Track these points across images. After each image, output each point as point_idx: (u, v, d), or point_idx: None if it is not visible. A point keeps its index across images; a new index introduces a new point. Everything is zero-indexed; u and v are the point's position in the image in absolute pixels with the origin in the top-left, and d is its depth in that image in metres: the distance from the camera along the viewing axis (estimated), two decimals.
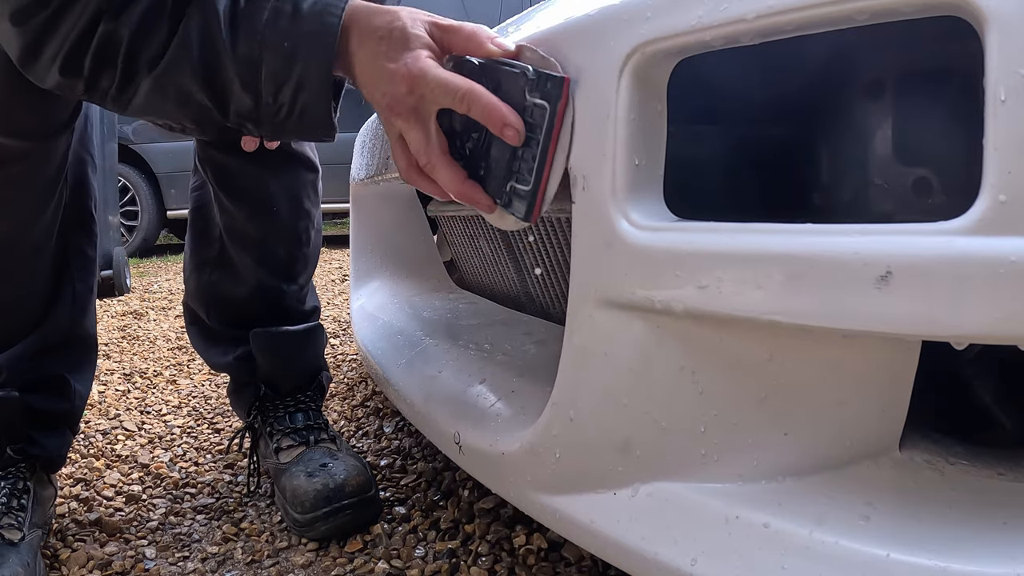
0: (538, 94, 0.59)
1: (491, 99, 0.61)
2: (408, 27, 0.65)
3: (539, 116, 0.59)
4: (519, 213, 0.62)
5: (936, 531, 0.47)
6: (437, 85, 0.63)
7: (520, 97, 0.60)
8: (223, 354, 1.21)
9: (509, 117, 0.60)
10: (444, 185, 0.66)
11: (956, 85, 0.69)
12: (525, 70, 0.60)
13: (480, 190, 0.65)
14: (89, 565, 0.97)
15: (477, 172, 0.65)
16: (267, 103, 0.70)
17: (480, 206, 0.65)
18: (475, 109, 0.61)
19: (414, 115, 0.65)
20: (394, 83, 0.64)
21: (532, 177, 0.60)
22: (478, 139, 0.65)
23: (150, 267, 4.61)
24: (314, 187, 1.18)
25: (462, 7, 5.05)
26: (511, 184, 0.62)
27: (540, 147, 0.59)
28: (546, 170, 0.59)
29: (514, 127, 0.60)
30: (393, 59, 0.64)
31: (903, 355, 0.51)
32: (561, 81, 0.57)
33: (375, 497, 1.04)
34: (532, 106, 0.60)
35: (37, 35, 0.70)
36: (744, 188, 0.84)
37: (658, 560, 0.54)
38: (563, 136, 0.59)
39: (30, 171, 0.92)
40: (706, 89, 0.69)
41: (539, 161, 0.59)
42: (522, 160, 0.61)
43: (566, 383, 0.61)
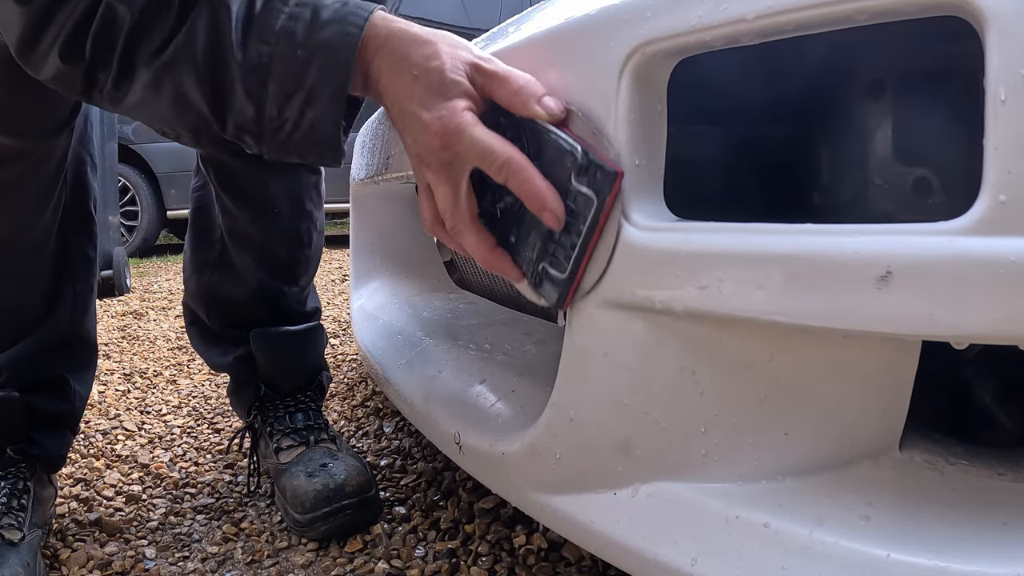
0: (585, 181, 0.54)
1: (531, 175, 0.56)
2: (447, 71, 0.59)
3: (584, 205, 0.54)
4: (550, 299, 0.58)
5: (936, 531, 0.47)
6: (473, 146, 0.57)
7: (564, 177, 0.55)
8: (223, 354, 1.21)
9: (550, 201, 0.55)
10: (470, 251, 0.62)
11: (956, 85, 0.69)
12: (574, 150, 0.55)
13: (509, 261, 0.61)
14: (89, 565, 0.97)
15: (507, 238, 0.61)
16: (271, 115, 0.65)
17: (507, 276, 0.61)
18: (513, 182, 0.56)
19: (445, 171, 0.60)
20: (427, 134, 0.59)
21: (568, 265, 0.56)
22: (511, 203, 0.60)
23: (150, 267, 4.61)
24: (316, 188, 1.18)
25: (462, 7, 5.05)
26: (543, 265, 0.58)
27: (581, 239, 0.54)
28: (584, 262, 0.55)
29: (554, 212, 0.55)
30: (427, 106, 0.59)
31: (903, 355, 0.51)
32: (613, 176, 0.53)
33: (375, 497, 1.04)
34: (577, 193, 0.55)
35: (40, 14, 0.66)
36: (744, 188, 0.84)
37: (658, 560, 0.54)
38: (608, 229, 0.54)
39: (29, 171, 0.92)
40: (706, 89, 0.69)
41: (578, 253, 0.55)
42: (559, 245, 0.56)
43: (566, 383, 0.61)
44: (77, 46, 0.67)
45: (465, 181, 0.60)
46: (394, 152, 1.00)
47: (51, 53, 0.68)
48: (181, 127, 0.71)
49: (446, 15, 4.89)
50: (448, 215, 0.62)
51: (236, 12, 0.64)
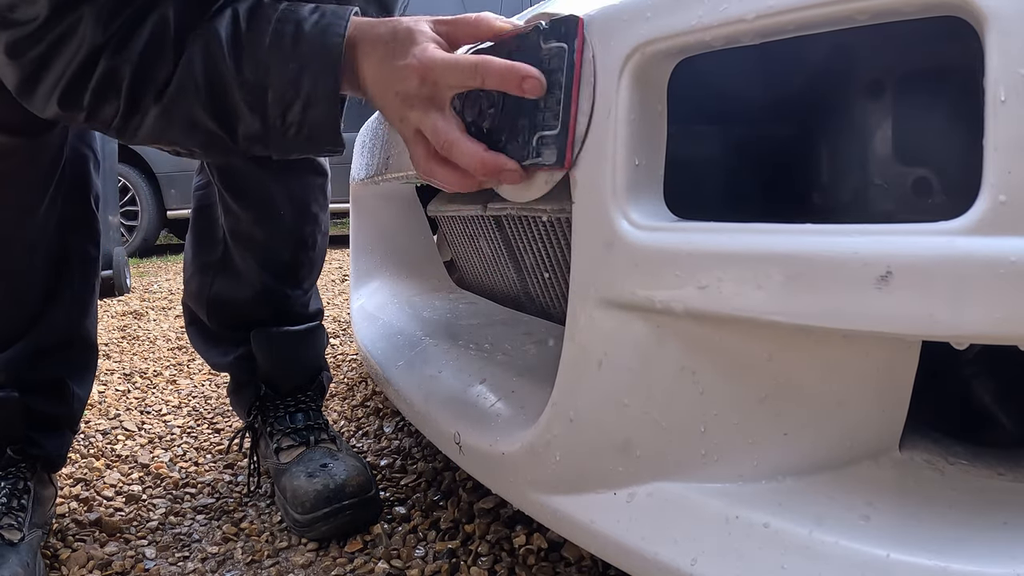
0: (553, 39, 0.58)
1: (503, 62, 0.60)
2: (412, 26, 0.66)
3: (558, 59, 0.58)
4: (550, 160, 0.59)
5: (936, 531, 0.47)
6: (447, 67, 0.62)
7: (536, 51, 0.59)
8: (223, 354, 1.21)
9: (526, 68, 0.59)
10: (466, 161, 0.63)
11: (956, 85, 0.69)
12: (538, 24, 0.59)
13: (503, 156, 0.63)
14: (89, 565, 0.97)
15: (498, 144, 0.63)
16: (275, 124, 0.70)
17: (506, 173, 0.63)
18: (490, 77, 0.60)
19: (430, 103, 0.64)
20: (406, 78, 0.64)
21: (559, 120, 0.58)
22: (495, 114, 0.63)
23: (150, 267, 4.61)
24: (322, 191, 1.17)
25: (462, 7, 5.05)
26: (538, 135, 0.60)
27: (564, 88, 0.57)
28: (573, 107, 0.57)
29: (533, 76, 0.58)
30: (402, 56, 0.64)
31: (903, 355, 0.51)
32: (575, 20, 0.56)
33: (375, 497, 1.04)
34: (549, 53, 0.58)
35: (33, 69, 0.70)
36: (744, 188, 0.84)
37: (658, 560, 0.54)
38: (586, 72, 0.56)
39: (19, 167, 0.91)
40: (706, 89, 0.69)
41: (564, 101, 0.57)
42: (546, 109, 0.59)
43: (566, 383, 0.61)
44: (76, 97, 0.71)
45: (448, 106, 0.64)
46: (394, 152, 1.00)
47: (50, 101, 0.72)
48: (194, 145, 0.76)
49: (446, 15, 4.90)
50: (440, 135, 0.64)
51: (225, 38, 0.69)
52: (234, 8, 0.71)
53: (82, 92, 0.70)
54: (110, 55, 0.69)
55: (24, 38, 0.68)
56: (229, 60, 0.69)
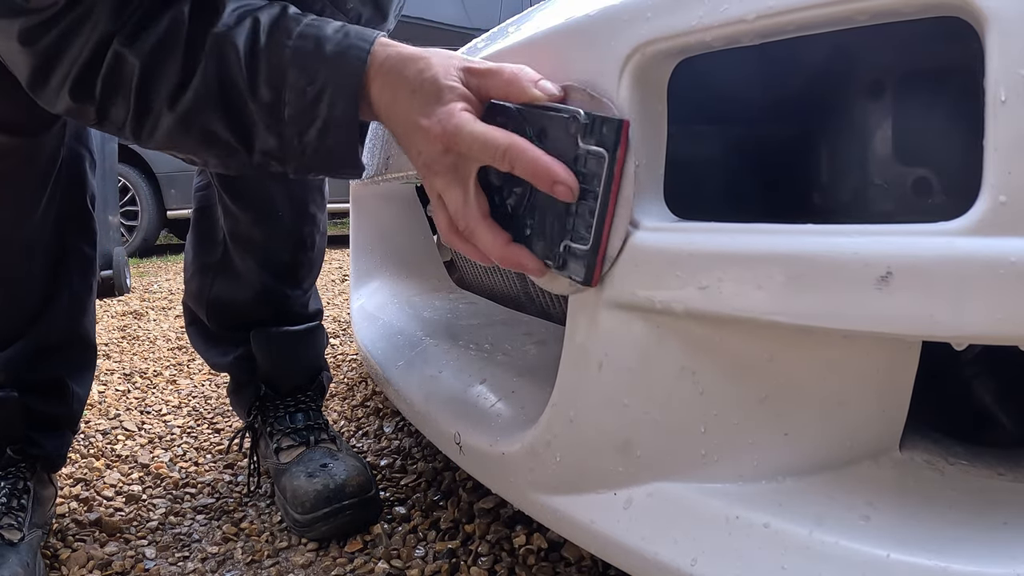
0: (593, 140, 0.53)
1: (535, 154, 0.55)
2: (440, 78, 0.60)
3: (595, 165, 0.53)
4: (578, 276, 0.55)
5: (936, 531, 0.47)
6: (474, 142, 0.58)
7: (571, 146, 0.54)
8: (223, 354, 1.21)
9: (559, 173, 0.54)
10: (486, 250, 0.61)
11: (956, 85, 0.69)
12: (575, 114, 0.54)
13: (527, 253, 0.59)
14: (89, 565, 0.97)
15: (522, 232, 0.59)
16: (292, 144, 0.67)
17: (528, 271, 0.60)
18: (519, 166, 0.56)
19: (452, 174, 0.60)
20: (429, 142, 0.60)
21: (591, 235, 0.53)
22: (522, 194, 0.59)
23: (150, 267, 4.61)
24: (320, 191, 1.18)
25: (462, 8, 5.05)
26: (565, 244, 0.56)
27: (599, 200, 0.53)
28: (606, 225, 0.53)
29: (565, 183, 0.54)
30: (426, 115, 0.60)
31: (903, 355, 0.51)
32: (619, 125, 0.52)
33: (375, 497, 1.04)
34: (586, 155, 0.53)
35: (47, 56, 0.69)
36: (744, 188, 0.84)
37: (658, 560, 0.54)
38: (625, 186, 0.53)
39: (17, 167, 0.91)
40: (706, 89, 0.69)
41: (599, 216, 0.53)
42: (577, 216, 0.55)
43: (566, 383, 0.61)
44: (87, 87, 0.69)
45: (472, 180, 0.61)
46: (394, 152, 1.00)
47: (61, 92, 0.70)
48: (210, 157, 0.74)
49: (447, 15, 4.90)
50: (460, 217, 0.61)
51: (243, 50, 0.67)
52: (255, 17, 0.68)
53: (93, 82, 0.69)
54: (121, 43, 0.67)
55: (38, 25, 0.67)
56: (244, 75, 0.67)
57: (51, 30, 0.67)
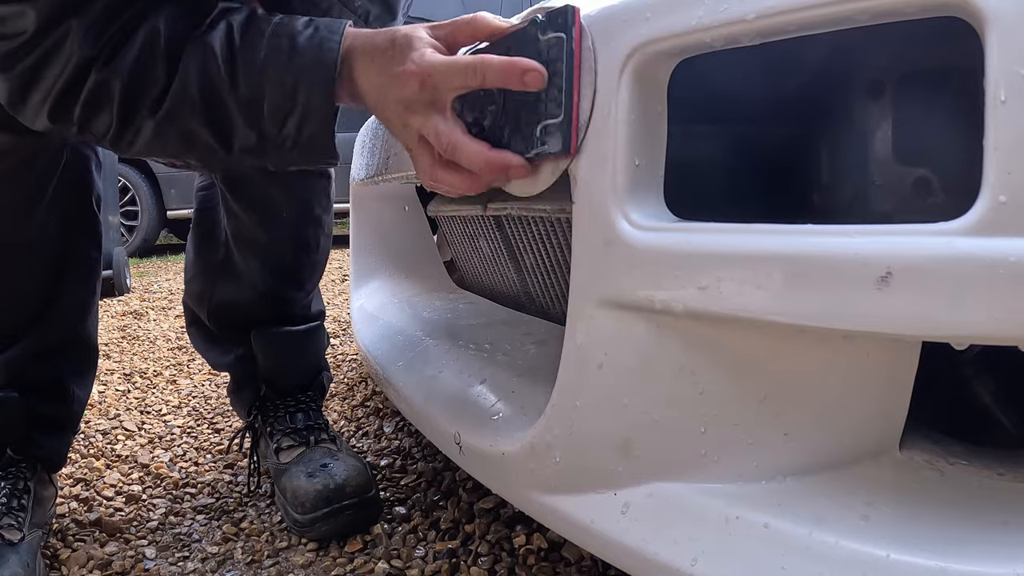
0: (551, 30, 0.58)
1: (504, 58, 0.60)
2: (410, 32, 0.66)
3: (557, 49, 0.58)
4: (555, 147, 0.59)
5: (936, 531, 0.47)
6: (447, 69, 0.62)
7: (534, 44, 0.60)
8: (224, 354, 1.21)
9: (526, 62, 0.59)
10: (471, 161, 0.63)
11: (956, 85, 0.69)
12: (535, 18, 0.59)
13: (509, 153, 0.63)
14: (89, 565, 0.97)
15: (501, 141, 0.63)
16: (271, 137, 0.70)
17: (513, 169, 0.62)
18: (491, 74, 0.60)
19: (430, 107, 0.64)
20: (406, 84, 0.64)
21: (562, 107, 0.58)
22: (496, 111, 0.63)
23: (150, 267, 4.61)
24: (326, 193, 1.17)
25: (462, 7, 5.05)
26: (541, 125, 0.60)
27: (564, 76, 0.57)
28: (575, 94, 0.57)
29: (534, 68, 0.58)
30: (400, 62, 0.64)
31: (903, 355, 0.51)
32: (571, 9, 0.57)
33: (375, 497, 1.04)
34: (548, 44, 0.58)
35: (23, 81, 0.70)
36: (744, 188, 0.84)
37: (658, 560, 0.54)
38: (586, 59, 0.57)
39: (17, 167, 0.91)
40: (706, 89, 0.69)
41: (567, 89, 0.57)
42: (548, 100, 0.59)
43: (566, 383, 0.61)
44: (66, 110, 0.71)
45: (449, 108, 0.64)
46: (394, 152, 1.00)
47: (40, 114, 0.72)
48: (191, 158, 0.77)
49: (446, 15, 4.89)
50: (443, 139, 0.64)
51: (220, 52, 0.69)
52: (228, 21, 0.71)
53: (72, 106, 0.70)
54: (100, 68, 0.69)
55: (12, 51, 0.68)
56: (224, 75, 0.69)
57: (25, 57, 0.69)
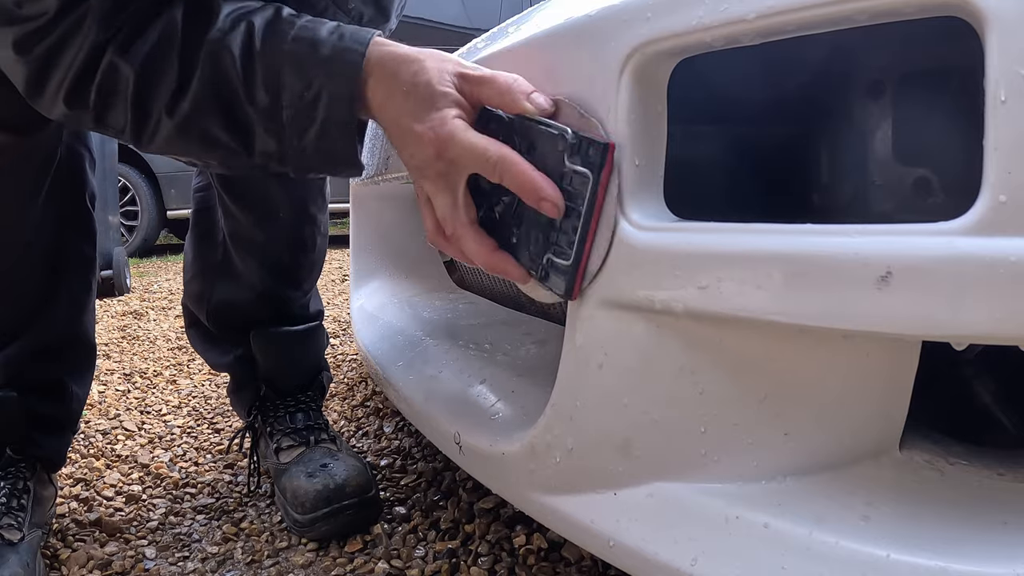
0: (579, 160, 0.54)
1: (525, 168, 0.56)
2: (434, 83, 0.61)
3: (580, 185, 0.54)
4: (558, 290, 0.57)
5: (936, 531, 0.47)
6: (465, 150, 0.59)
7: (558, 162, 0.56)
8: (223, 354, 1.21)
9: (546, 189, 0.56)
10: (471, 256, 0.62)
11: (956, 85, 0.69)
12: (564, 132, 0.55)
13: (511, 261, 0.61)
14: (89, 565, 0.97)
15: (508, 239, 0.61)
16: (292, 145, 0.68)
17: (512, 278, 0.61)
18: (507, 178, 0.57)
19: (442, 180, 0.61)
20: (421, 146, 0.61)
21: (573, 251, 0.55)
22: (509, 203, 0.60)
23: (150, 267, 4.61)
24: (321, 192, 1.17)
25: (462, 8, 5.05)
26: (548, 257, 0.57)
27: (582, 220, 0.54)
28: (588, 244, 0.55)
29: (551, 200, 0.56)
30: (419, 119, 0.61)
31: (903, 355, 0.51)
32: (605, 148, 0.53)
33: (375, 497, 1.04)
34: (572, 173, 0.55)
35: (41, 64, 0.69)
36: (744, 188, 0.84)
37: (658, 560, 0.54)
38: (608, 206, 0.54)
39: (12, 165, 0.91)
40: (706, 89, 0.69)
41: (581, 234, 0.55)
42: (561, 231, 0.56)
43: (566, 383, 0.61)
44: (82, 95, 0.70)
45: (462, 187, 0.61)
46: (394, 152, 1.00)
47: (57, 100, 0.71)
48: (211, 159, 0.75)
49: (447, 15, 4.89)
50: (448, 222, 0.62)
51: (238, 55, 0.67)
52: (250, 21, 0.68)
53: (87, 90, 0.69)
54: (114, 52, 0.68)
55: (31, 33, 0.68)
56: (240, 79, 0.67)
57: (44, 39, 0.68)
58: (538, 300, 0.63)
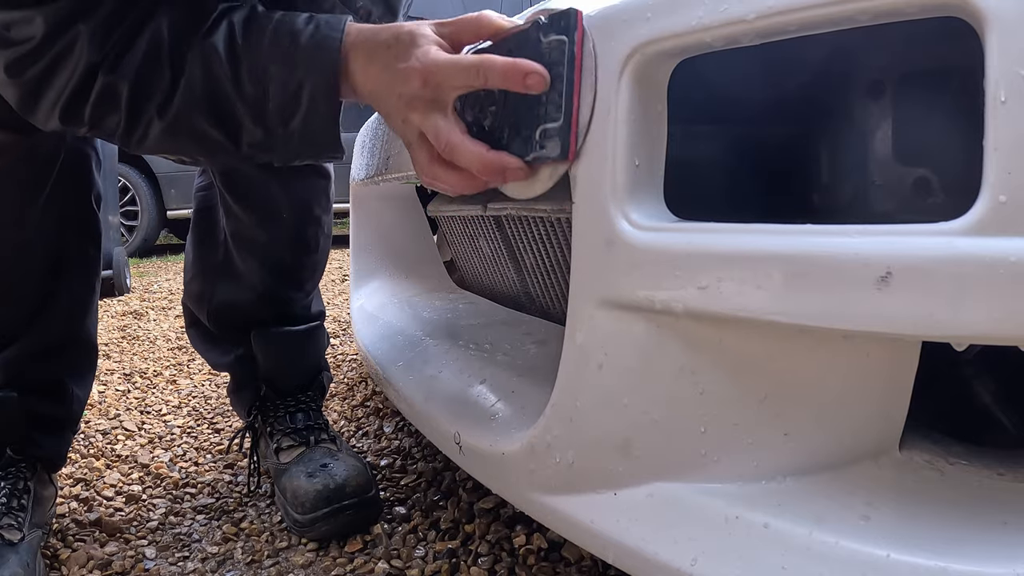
0: (553, 32, 0.58)
1: (505, 60, 0.60)
2: (414, 29, 0.66)
3: (558, 53, 0.58)
4: (554, 152, 0.58)
5: (936, 531, 0.47)
6: (449, 68, 0.62)
7: (536, 46, 0.59)
8: (224, 354, 1.21)
9: (529, 65, 0.59)
10: (468, 162, 0.63)
11: (956, 85, 0.69)
12: (537, 20, 0.59)
13: (507, 155, 0.62)
14: (89, 565, 0.97)
15: (500, 142, 0.63)
16: (278, 134, 0.71)
17: (510, 171, 0.62)
18: (493, 75, 0.60)
19: (432, 105, 0.64)
20: (408, 81, 0.64)
21: (562, 112, 0.57)
22: (496, 111, 0.63)
23: (150, 267, 4.61)
24: (325, 193, 1.17)
25: (462, 7, 5.05)
26: (541, 128, 0.59)
27: (565, 80, 0.57)
28: (575, 99, 0.57)
29: (536, 71, 0.58)
30: (404, 59, 0.64)
31: (903, 355, 0.51)
32: (574, 13, 0.56)
33: (375, 497, 1.04)
34: (550, 47, 0.58)
35: (33, 87, 0.71)
36: (744, 188, 0.84)
37: (658, 560, 0.54)
38: (587, 63, 0.57)
39: (13, 165, 0.91)
40: (706, 89, 0.69)
41: (567, 93, 0.57)
42: (548, 103, 0.59)
43: (566, 383, 0.61)
44: (76, 112, 0.72)
45: (450, 107, 0.64)
46: (394, 152, 1.00)
47: (51, 117, 0.73)
48: (200, 155, 0.78)
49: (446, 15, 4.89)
50: (442, 138, 0.64)
51: (223, 52, 0.70)
52: (230, 20, 0.71)
53: (82, 108, 0.71)
54: (106, 72, 0.70)
55: (22, 57, 0.69)
56: (228, 75, 0.70)
57: (36, 63, 0.70)
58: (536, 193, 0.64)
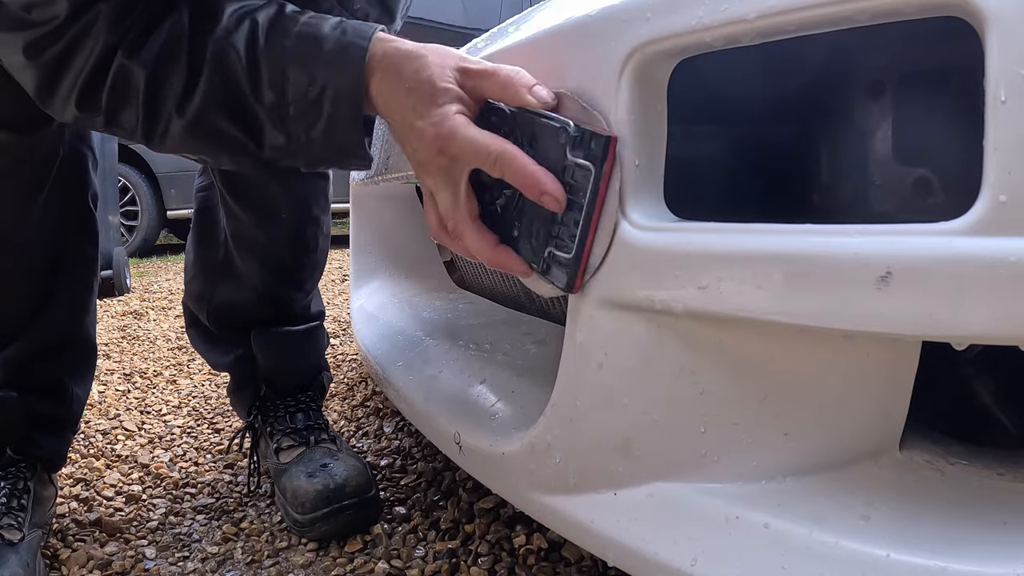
0: (581, 153, 0.54)
1: (525, 163, 0.56)
2: (436, 79, 0.61)
3: (582, 178, 0.54)
4: (559, 283, 0.57)
5: (936, 531, 0.47)
6: (466, 146, 0.59)
7: (560, 155, 0.55)
8: (224, 354, 1.21)
9: (547, 184, 0.55)
10: (473, 251, 0.63)
11: (956, 85, 0.69)
12: (566, 125, 0.55)
13: (513, 255, 0.61)
14: (89, 565, 0.97)
15: (510, 233, 0.61)
16: (300, 140, 0.69)
17: (514, 272, 0.61)
18: (508, 174, 0.57)
19: (444, 176, 0.62)
20: (423, 142, 0.61)
21: (574, 244, 0.55)
22: (511, 196, 0.60)
23: (150, 267, 4.61)
24: (324, 193, 1.17)
25: (462, 7, 5.04)
26: (550, 250, 0.57)
27: (584, 213, 0.54)
28: (589, 237, 0.55)
29: (552, 194, 0.55)
30: (421, 116, 0.61)
31: (903, 355, 0.51)
32: (607, 141, 0.53)
33: (375, 497, 1.04)
34: (574, 167, 0.55)
35: (51, 68, 0.70)
36: (744, 188, 0.84)
37: (658, 560, 0.54)
38: (610, 199, 0.54)
39: (13, 165, 0.90)
40: (706, 89, 0.69)
41: (582, 227, 0.54)
42: (563, 225, 0.56)
43: (566, 383, 0.61)
44: (93, 98, 0.70)
45: (464, 183, 0.62)
46: (394, 152, 1.00)
47: (68, 103, 0.71)
48: (223, 156, 0.75)
49: (447, 15, 4.89)
50: (450, 217, 0.63)
51: (243, 54, 0.68)
52: (253, 19, 0.69)
53: (99, 94, 0.70)
54: (124, 54, 0.68)
55: (41, 38, 0.68)
56: (247, 79, 0.68)
57: (55, 43, 0.68)
58: (540, 294, 0.63)
